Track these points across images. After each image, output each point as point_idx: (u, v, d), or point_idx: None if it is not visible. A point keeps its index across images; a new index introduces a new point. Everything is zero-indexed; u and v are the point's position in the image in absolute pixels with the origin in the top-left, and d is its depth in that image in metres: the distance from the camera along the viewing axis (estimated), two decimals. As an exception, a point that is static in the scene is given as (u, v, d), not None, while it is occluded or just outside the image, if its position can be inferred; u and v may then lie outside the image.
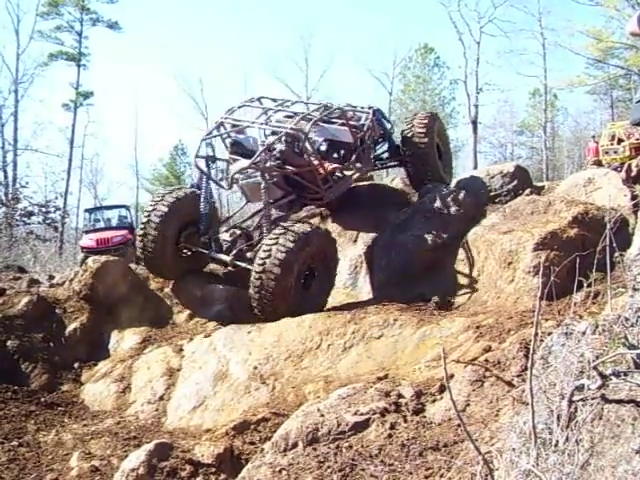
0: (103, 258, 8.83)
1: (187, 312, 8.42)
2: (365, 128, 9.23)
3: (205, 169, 8.49)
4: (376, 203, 9.78)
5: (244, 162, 8.20)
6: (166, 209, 7.99)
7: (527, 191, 9.26)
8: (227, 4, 67.53)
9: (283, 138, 8.10)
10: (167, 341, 7.55)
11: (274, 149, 8.07)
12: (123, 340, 7.84)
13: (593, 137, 21.45)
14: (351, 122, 9.12)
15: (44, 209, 23.04)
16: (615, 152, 17.07)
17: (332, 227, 9.43)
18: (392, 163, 10.45)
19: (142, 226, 8.17)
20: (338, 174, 8.95)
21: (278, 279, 6.97)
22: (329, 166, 8.72)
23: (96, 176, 43.10)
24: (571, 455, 2.31)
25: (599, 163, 17.25)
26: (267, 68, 50.95)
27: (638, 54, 26.24)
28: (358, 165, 9.14)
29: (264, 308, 7.21)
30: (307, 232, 7.29)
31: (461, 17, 36.49)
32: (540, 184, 11.34)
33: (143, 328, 7.94)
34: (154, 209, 8.05)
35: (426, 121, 9.88)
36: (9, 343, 7.36)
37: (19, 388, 6.79)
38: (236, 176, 8.24)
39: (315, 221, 9.47)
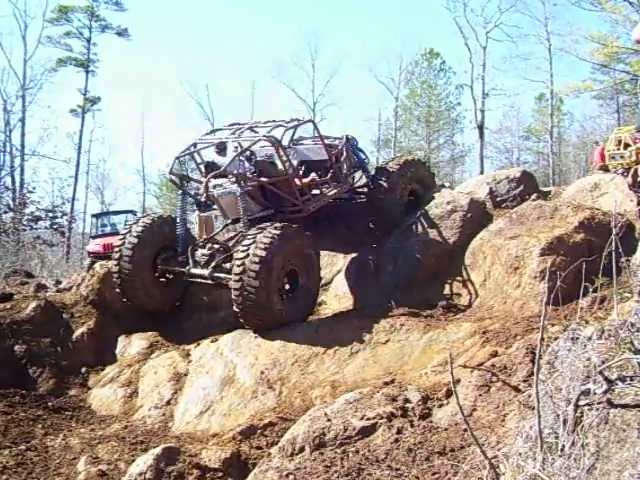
0: (110, 263, 8.88)
1: (194, 317, 8.45)
2: (340, 147, 9.05)
3: (179, 186, 8.48)
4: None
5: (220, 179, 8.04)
6: (135, 240, 7.89)
7: (533, 196, 9.25)
8: (234, 10, 67.64)
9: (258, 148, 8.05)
10: (174, 346, 7.58)
11: (249, 158, 8.01)
12: (130, 345, 7.87)
13: (596, 142, 21.38)
14: (325, 141, 8.94)
15: (51, 214, 23.06)
16: (621, 157, 16.99)
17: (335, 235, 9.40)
18: (362, 197, 9.86)
19: (115, 262, 7.99)
20: (316, 191, 8.80)
21: (259, 276, 6.79)
22: (305, 179, 8.59)
23: (103, 181, 43.13)
24: (577, 459, 2.32)
25: (605, 168, 17.19)
26: (274, 74, 50.95)
27: (643, 59, 26.13)
28: (335, 183, 8.95)
29: (248, 312, 6.96)
30: (283, 230, 7.19)
31: (467, 22, 36.48)
32: (546, 189, 11.33)
33: (150, 333, 7.97)
34: (123, 243, 7.93)
35: (399, 166, 9.51)
36: (17, 348, 7.41)
37: (27, 393, 6.83)
38: (212, 190, 7.96)
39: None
